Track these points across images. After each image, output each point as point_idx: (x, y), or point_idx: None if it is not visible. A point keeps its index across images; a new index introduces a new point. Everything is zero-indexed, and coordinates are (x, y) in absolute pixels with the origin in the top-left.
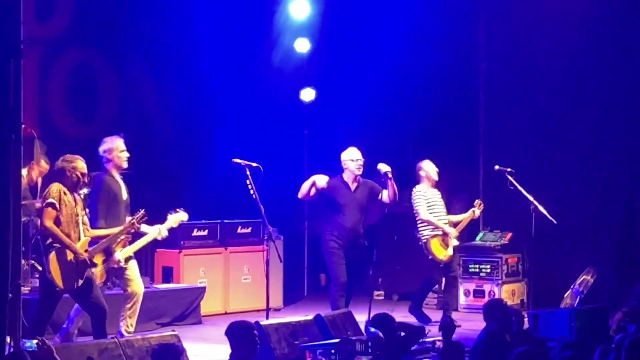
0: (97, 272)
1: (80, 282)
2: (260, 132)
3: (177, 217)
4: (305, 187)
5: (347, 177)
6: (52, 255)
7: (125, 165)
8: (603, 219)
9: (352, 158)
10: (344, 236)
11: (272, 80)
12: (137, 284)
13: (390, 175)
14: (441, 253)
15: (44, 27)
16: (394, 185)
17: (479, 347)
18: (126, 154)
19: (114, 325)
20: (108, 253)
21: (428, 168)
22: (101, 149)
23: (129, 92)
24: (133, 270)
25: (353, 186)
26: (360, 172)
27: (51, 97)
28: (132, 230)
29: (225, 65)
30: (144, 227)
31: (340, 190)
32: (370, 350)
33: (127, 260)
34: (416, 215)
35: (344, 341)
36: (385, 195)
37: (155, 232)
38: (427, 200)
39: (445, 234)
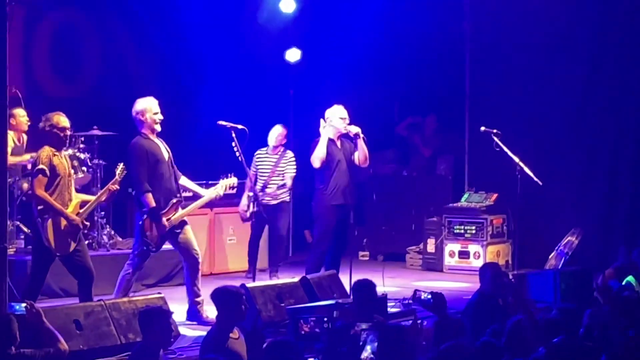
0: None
1: (74, 245)
2: (246, 92)
3: (229, 182)
4: (322, 151)
5: (333, 134)
6: (49, 222)
7: (158, 128)
8: (588, 181)
9: (341, 116)
10: (338, 195)
11: (258, 40)
12: (195, 246)
13: (361, 136)
14: None
15: None
16: (365, 147)
17: (470, 308)
18: (160, 117)
19: (100, 287)
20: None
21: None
22: (134, 110)
23: (112, 52)
24: (189, 234)
25: (339, 143)
26: (346, 131)
27: (35, 57)
28: (114, 189)
29: (210, 26)
30: (199, 190)
31: (331, 147)
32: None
33: (181, 224)
34: None
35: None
36: (356, 157)
37: (211, 194)
38: None
39: None
